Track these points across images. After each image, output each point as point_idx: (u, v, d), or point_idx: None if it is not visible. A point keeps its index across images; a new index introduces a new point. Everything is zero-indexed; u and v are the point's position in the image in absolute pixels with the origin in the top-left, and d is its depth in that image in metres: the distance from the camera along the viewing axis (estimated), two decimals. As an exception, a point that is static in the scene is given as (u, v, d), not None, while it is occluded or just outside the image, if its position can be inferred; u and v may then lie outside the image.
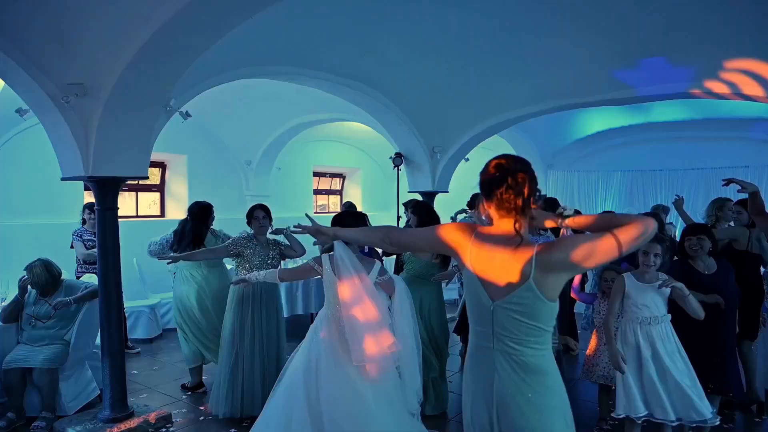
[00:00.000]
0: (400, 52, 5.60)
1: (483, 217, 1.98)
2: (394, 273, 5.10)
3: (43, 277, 4.43)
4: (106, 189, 4.17)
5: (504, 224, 1.89)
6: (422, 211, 4.78)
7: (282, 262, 4.71)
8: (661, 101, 7.51)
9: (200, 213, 5.08)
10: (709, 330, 3.52)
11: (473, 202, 5.50)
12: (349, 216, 3.65)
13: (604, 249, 1.72)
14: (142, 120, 4.13)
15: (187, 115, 4.79)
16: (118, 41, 3.62)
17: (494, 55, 5.74)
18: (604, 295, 4.15)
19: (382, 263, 3.64)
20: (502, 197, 1.84)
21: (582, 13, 4.87)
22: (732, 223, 4.87)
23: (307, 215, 2.92)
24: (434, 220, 4.63)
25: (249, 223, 4.67)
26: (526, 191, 1.83)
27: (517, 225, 1.84)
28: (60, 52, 3.70)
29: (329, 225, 3.52)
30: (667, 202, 7.69)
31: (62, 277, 4.66)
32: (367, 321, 3.16)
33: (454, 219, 7.40)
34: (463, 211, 7.51)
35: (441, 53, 5.67)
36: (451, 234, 2.02)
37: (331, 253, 3.32)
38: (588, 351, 4.19)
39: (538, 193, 1.90)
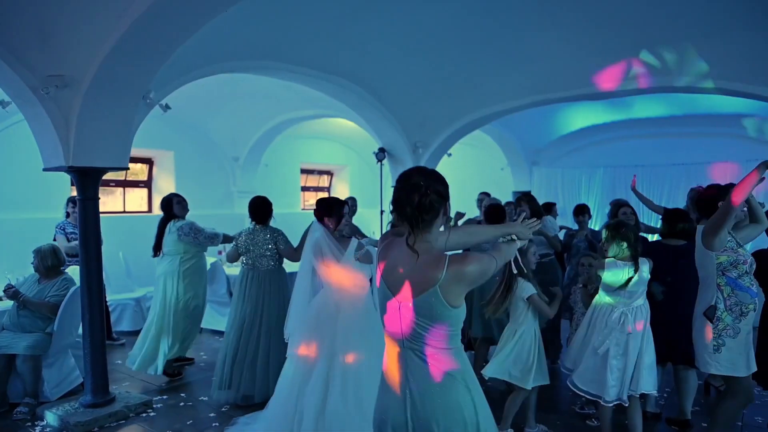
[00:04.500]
0: (381, 46, 5.70)
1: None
2: None
3: (49, 261, 4.64)
4: (87, 179, 4.27)
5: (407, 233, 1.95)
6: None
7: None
8: (642, 97, 7.66)
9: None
10: (669, 307, 3.66)
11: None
12: (326, 203, 3.97)
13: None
14: (121, 111, 4.23)
15: (166, 107, 4.88)
16: (96, 33, 3.72)
17: (476, 51, 5.85)
18: (579, 281, 4.28)
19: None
20: (402, 209, 1.91)
21: (563, 8, 4.98)
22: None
23: None
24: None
25: (269, 217, 4.78)
26: (421, 203, 1.87)
27: (410, 238, 1.90)
28: (40, 45, 3.80)
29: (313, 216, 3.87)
30: (649, 197, 7.78)
31: (65, 269, 4.84)
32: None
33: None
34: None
35: (422, 48, 5.78)
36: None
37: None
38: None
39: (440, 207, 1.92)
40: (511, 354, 3.64)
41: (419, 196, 1.87)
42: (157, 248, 5.29)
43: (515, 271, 2.47)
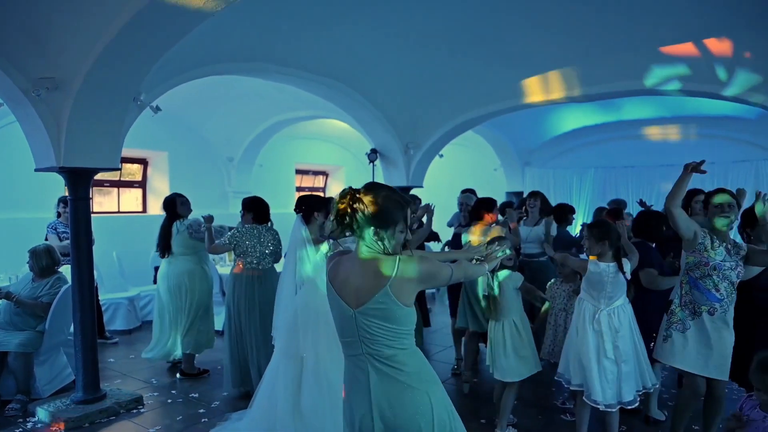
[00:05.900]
0: (371, 48, 5.74)
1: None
2: None
3: (43, 261, 4.72)
4: (78, 179, 4.34)
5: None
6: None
7: None
8: (632, 99, 7.74)
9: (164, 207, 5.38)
10: (639, 307, 3.74)
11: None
12: (314, 198, 4.04)
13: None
14: (112, 113, 4.30)
15: (157, 109, 4.95)
16: (87, 36, 3.79)
17: (468, 51, 5.89)
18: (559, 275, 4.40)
19: None
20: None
21: (556, 8, 5.01)
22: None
23: None
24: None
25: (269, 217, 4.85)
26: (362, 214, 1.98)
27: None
28: (31, 47, 3.87)
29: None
30: (638, 197, 7.86)
31: (59, 269, 4.91)
32: None
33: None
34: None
35: (413, 49, 5.81)
36: None
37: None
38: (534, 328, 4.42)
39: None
40: (514, 349, 3.75)
41: (350, 208, 1.99)
42: (166, 249, 5.23)
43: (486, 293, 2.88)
